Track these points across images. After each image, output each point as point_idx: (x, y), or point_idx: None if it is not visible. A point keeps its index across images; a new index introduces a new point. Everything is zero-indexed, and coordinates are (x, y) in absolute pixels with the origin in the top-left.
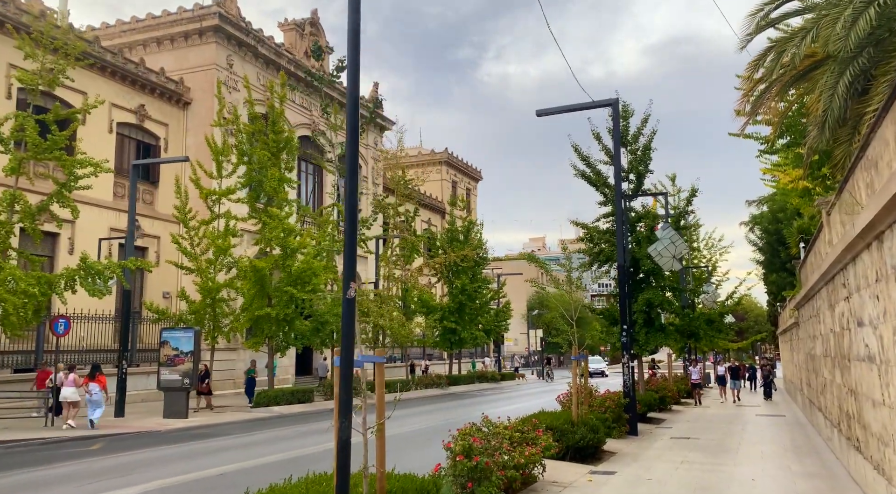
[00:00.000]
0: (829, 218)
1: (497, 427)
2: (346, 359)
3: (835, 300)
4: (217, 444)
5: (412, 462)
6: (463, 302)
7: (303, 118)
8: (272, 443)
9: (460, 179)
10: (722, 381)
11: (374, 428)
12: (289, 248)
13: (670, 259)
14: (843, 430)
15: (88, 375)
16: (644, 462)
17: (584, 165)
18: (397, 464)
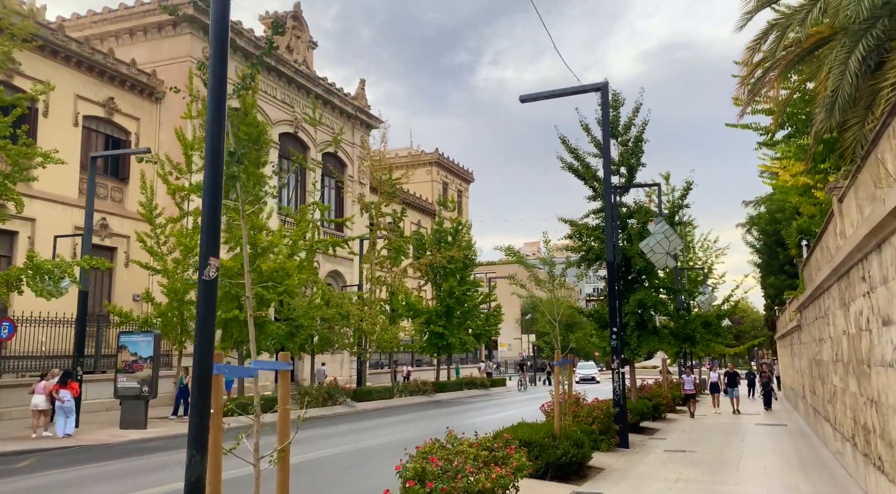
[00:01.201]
0: (842, 205)
1: (462, 444)
2: (202, 365)
3: (850, 298)
4: (166, 459)
5: (359, 487)
6: (451, 306)
7: (284, 115)
8: (227, 457)
9: (451, 181)
10: (715, 389)
11: (273, 456)
12: (259, 246)
13: (664, 256)
14: (858, 445)
15: (59, 381)
16: (634, 481)
17: (571, 157)
18: (340, 491)
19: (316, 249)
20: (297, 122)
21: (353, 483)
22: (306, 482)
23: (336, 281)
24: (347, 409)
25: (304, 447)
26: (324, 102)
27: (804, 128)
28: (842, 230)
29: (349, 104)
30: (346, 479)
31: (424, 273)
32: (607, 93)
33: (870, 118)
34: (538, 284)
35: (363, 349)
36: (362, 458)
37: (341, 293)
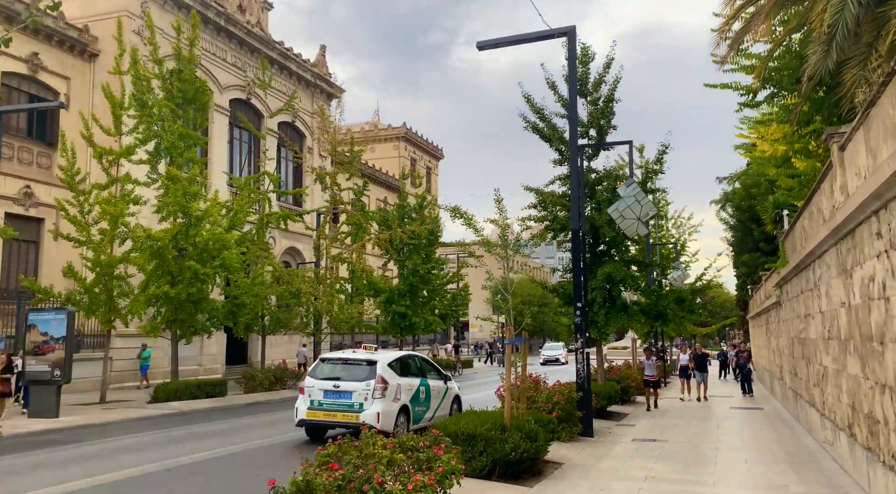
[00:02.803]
0: (843, 154)
1: (374, 445)
2: None
3: (855, 262)
4: (63, 455)
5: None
6: (415, 284)
7: (236, 79)
8: (140, 451)
9: (420, 157)
10: (684, 373)
11: None
12: (192, 216)
13: (634, 222)
14: (857, 437)
15: None
16: (596, 480)
17: (536, 117)
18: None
19: (267, 222)
20: (250, 88)
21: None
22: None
23: (294, 258)
24: (295, 393)
25: (225, 439)
26: (279, 67)
27: (790, 86)
28: (843, 184)
29: (308, 71)
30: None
31: (384, 249)
32: (574, 39)
33: (874, 55)
34: (489, 249)
35: (318, 330)
36: (284, 454)
37: (291, 270)
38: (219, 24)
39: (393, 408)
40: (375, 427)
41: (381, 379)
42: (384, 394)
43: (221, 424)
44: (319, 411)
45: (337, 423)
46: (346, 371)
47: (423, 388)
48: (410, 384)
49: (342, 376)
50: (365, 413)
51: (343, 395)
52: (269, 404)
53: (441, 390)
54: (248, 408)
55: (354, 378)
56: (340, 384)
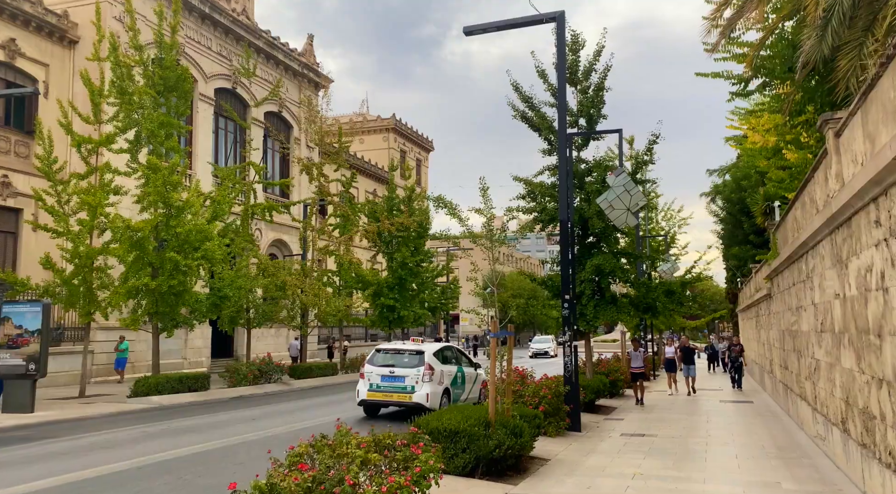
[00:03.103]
0: (840, 140)
1: (348, 444)
2: None
3: (851, 251)
4: (30, 452)
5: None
6: (403, 277)
7: (221, 68)
8: (113, 448)
9: (410, 149)
10: (670, 367)
11: None
12: (172, 206)
13: (624, 212)
14: (851, 432)
15: None
16: (583, 477)
17: (525, 106)
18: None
19: (253, 214)
20: (235, 77)
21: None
22: (158, 488)
23: (281, 250)
24: (281, 387)
25: (203, 435)
26: (266, 56)
27: (782, 74)
28: (838, 172)
29: (295, 61)
30: (218, 482)
31: (372, 241)
32: (563, 24)
33: (870, 39)
34: (473, 240)
35: (304, 323)
36: (262, 451)
37: (276, 262)
38: (203, 11)
39: (438, 390)
40: (426, 406)
41: (428, 366)
42: (431, 378)
43: (201, 419)
44: (378, 392)
45: (392, 402)
46: (399, 360)
47: (460, 374)
48: (450, 370)
49: (396, 363)
50: (416, 394)
51: (398, 379)
52: (253, 398)
53: (473, 375)
54: (230, 403)
55: (406, 365)
56: (395, 370)
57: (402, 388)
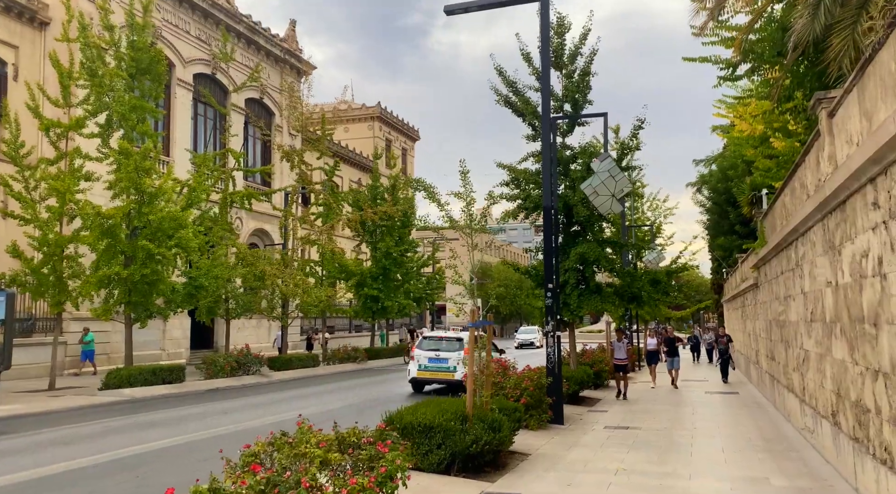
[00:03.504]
0: (833, 120)
1: (307, 442)
2: None
3: (845, 236)
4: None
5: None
6: (387, 267)
7: (200, 53)
8: (75, 443)
9: (395, 138)
10: (652, 359)
11: None
12: (145, 193)
13: (609, 199)
14: (842, 425)
15: None
16: (564, 472)
17: (509, 90)
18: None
19: (231, 202)
20: (215, 62)
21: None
22: (113, 488)
23: (262, 240)
24: (259, 379)
25: (170, 429)
26: (247, 41)
27: (771, 58)
28: (831, 154)
29: (277, 46)
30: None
31: (355, 230)
32: (547, 3)
33: (864, 17)
34: (452, 224)
35: (284, 314)
36: (232, 446)
37: (255, 251)
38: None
39: None
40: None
41: (467, 350)
42: None
43: (172, 412)
44: (426, 371)
45: (437, 380)
46: (442, 345)
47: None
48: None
49: (440, 348)
50: (457, 373)
51: (442, 361)
52: (230, 390)
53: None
54: (205, 395)
55: (448, 350)
56: (440, 353)
57: (446, 368)
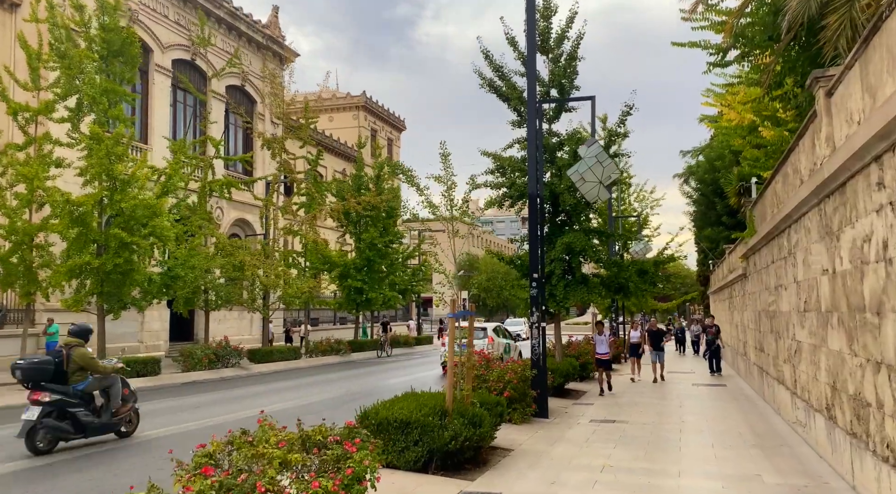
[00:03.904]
0: (832, 100)
1: (267, 442)
2: None
3: (845, 221)
4: None
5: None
6: (371, 258)
7: (179, 38)
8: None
9: (381, 128)
10: (635, 352)
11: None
12: (117, 179)
13: (596, 186)
14: (838, 420)
15: None
16: (547, 470)
17: (494, 74)
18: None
19: (211, 190)
20: (195, 48)
21: None
22: (66, 488)
23: (244, 230)
24: (238, 372)
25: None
26: (227, 27)
27: (763, 42)
28: (829, 135)
29: (259, 32)
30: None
31: (338, 220)
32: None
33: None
34: (432, 211)
35: (265, 306)
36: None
37: (234, 241)
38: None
39: (497, 354)
40: None
41: (490, 338)
42: (492, 346)
43: (144, 406)
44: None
45: None
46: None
47: (507, 343)
48: (502, 341)
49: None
50: None
51: None
52: (207, 383)
53: (514, 346)
54: (181, 388)
55: (475, 337)
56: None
57: None
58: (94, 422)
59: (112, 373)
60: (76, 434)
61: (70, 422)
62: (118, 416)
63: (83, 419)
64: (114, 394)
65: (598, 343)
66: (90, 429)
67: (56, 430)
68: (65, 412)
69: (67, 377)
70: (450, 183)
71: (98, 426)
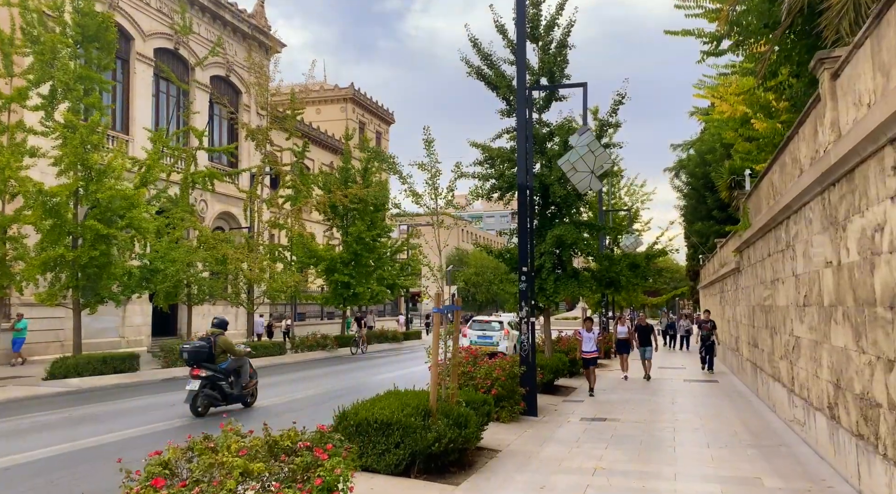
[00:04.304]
0: (838, 82)
1: (228, 448)
2: None
3: (853, 209)
4: None
5: None
6: (359, 252)
7: (162, 27)
8: None
9: (369, 121)
10: (623, 348)
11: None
12: (92, 169)
13: (587, 175)
14: (844, 421)
15: None
16: (535, 474)
17: (482, 62)
18: None
19: (194, 182)
20: (178, 36)
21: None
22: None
23: (228, 223)
24: None
25: (107, 424)
26: (212, 16)
27: (759, 29)
28: (834, 120)
29: (244, 22)
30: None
31: (324, 213)
32: None
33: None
34: (415, 200)
35: (249, 300)
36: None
37: (217, 234)
38: None
39: (511, 344)
40: (507, 354)
41: (506, 330)
42: (508, 337)
43: (116, 405)
44: (475, 346)
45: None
46: (488, 326)
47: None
48: (515, 334)
49: (486, 328)
50: (500, 346)
51: (488, 337)
52: (187, 379)
53: None
54: (160, 385)
55: (492, 329)
56: (486, 332)
57: (491, 342)
58: (233, 393)
59: (243, 356)
60: (222, 401)
61: (218, 392)
62: (246, 390)
63: (226, 390)
64: (244, 373)
65: (585, 340)
66: (230, 398)
67: (210, 398)
68: (215, 384)
69: (214, 358)
70: (434, 171)
71: (235, 396)
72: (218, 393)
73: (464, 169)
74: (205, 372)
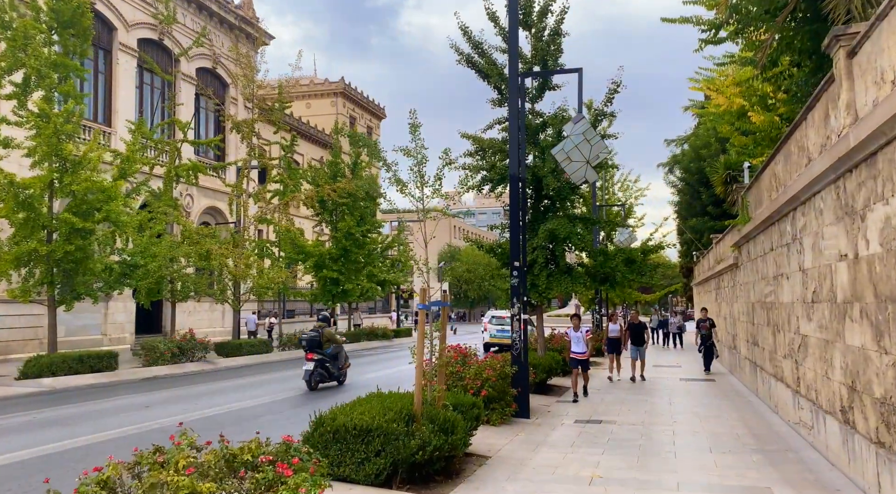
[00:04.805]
0: (854, 61)
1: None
2: None
3: (875, 197)
4: None
5: None
6: (348, 248)
7: (145, 16)
8: None
9: (360, 115)
10: (613, 347)
11: None
12: (67, 160)
13: (583, 166)
14: (860, 426)
15: None
16: (528, 483)
17: (473, 50)
18: None
19: (177, 176)
20: (162, 27)
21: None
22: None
23: (215, 218)
24: (204, 367)
25: (74, 428)
26: (198, 6)
27: (760, 15)
28: (849, 102)
29: (232, 13)
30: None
31: (312, 208)
32: None
33: None
34: (400, 190)
35: (235, 297)
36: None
37: (200, 229)
38: None
39: None
40: None
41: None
42: None
43: (88, 406)
44: (494, 338)
45: (501, 344)
46: (505, 321)
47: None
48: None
49: (503, 323)
50: None
51: (505, 331)
52: (168, 379)
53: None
54: (138, 385)
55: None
56: (504, 327)
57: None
58: (334, 373)
59: (341, 344)
60: (329, 379)
61: (326, 372)
62: (342, 371)
63: (331, 370)
64: (341, 357)
65: (573, 341)
66: (332, 377)
67: (320, 376)
68: (323, 365)
69: (322, 345)
70: (420, 157)
71: (336, 376)
72: (325, 372)
73: (453, 158)
74: (317, 356)
